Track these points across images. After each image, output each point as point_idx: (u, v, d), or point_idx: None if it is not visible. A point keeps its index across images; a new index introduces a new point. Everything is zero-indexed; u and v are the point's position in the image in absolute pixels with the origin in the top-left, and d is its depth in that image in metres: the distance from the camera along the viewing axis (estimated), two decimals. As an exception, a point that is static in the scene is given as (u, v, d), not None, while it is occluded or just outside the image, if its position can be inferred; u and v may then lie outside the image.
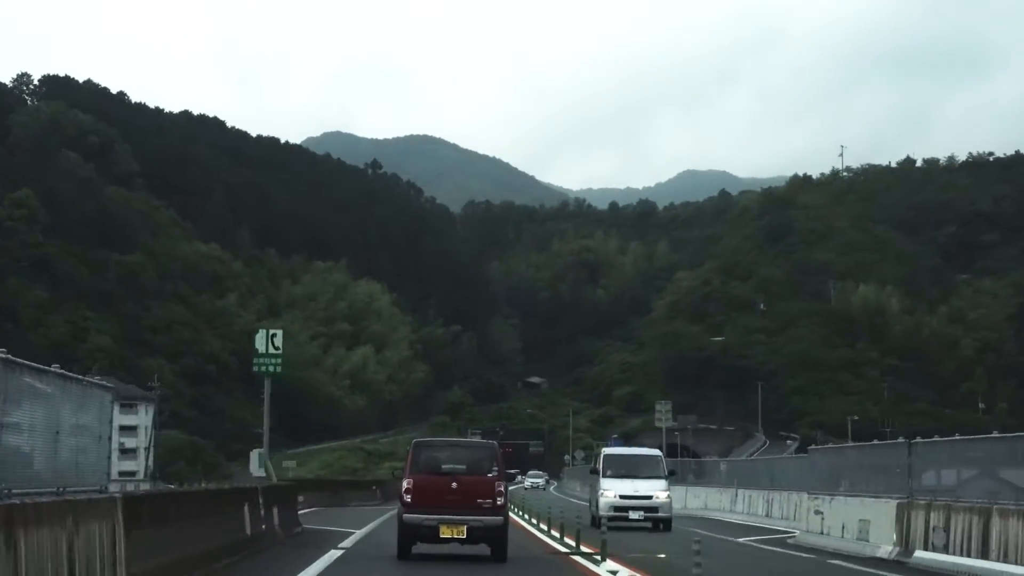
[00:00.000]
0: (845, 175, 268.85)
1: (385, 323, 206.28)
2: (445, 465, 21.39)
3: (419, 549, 21.52)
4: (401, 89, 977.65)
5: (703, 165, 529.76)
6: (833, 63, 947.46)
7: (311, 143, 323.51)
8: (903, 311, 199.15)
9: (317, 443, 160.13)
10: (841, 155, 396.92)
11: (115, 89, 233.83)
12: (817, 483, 29.17)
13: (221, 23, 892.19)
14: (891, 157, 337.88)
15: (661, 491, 34.61)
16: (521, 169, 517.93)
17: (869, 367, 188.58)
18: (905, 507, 22.44)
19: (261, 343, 35.13)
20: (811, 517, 28.59)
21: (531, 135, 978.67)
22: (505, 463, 22.63)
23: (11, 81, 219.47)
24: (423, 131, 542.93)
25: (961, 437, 23.91)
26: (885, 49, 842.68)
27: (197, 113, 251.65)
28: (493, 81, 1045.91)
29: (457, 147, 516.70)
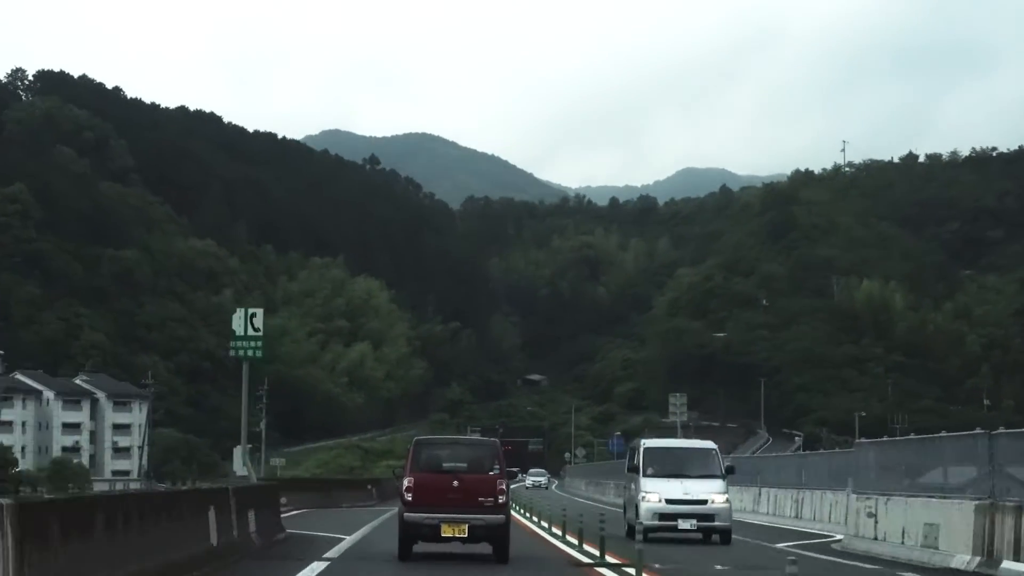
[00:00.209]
0: (847, 171, 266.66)
1: (383, 320, 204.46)
2: (446, 463, 21.18)
3: (420, 548, 21.31)
4: (400, 87, 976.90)
5: (702, 163, 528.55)
6: (832, 62, 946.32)
7: (310, 141, 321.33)
8: (908, 307, 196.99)
9: (314, 441, 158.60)
10: (843, 150, 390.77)
11: (111, 84, 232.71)
12: (866, 481, 26.17)
13: (219, 20, 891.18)
14: (892, 155, 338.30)
15: (718, 494, 28.11)
16: (520, 167, 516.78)
17: (873, 364, 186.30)
18: (987, 510, 19.37)
19: (239, 324, 32.24)
20: (862, 520, 25.46)
21: (530, 133, 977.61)
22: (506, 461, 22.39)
23: (6, 76, 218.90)
24: (422, 129, 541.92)
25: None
26: (884, 47, 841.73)
27: (194, 109, 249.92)
28: (492, 79, 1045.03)
29: (456, 145, 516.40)
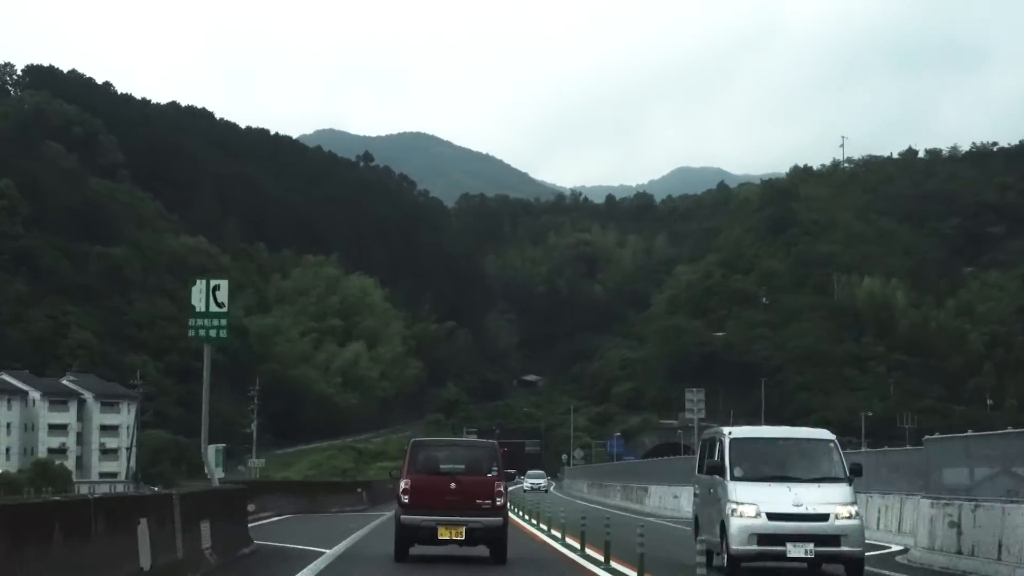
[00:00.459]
0: (846, 166, 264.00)
1: (378, 318, 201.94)
2: (444, 465, 20.96)
3: (417, 551, 21.04)
4: (394, 86, 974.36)
5: (697, 163, 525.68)
6: (827, 61, 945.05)
7: (304, 140, 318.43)
8: (909, 304, 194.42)
9: (308, 442, 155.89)
10: (842, 146, 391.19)
11: (101, 79, 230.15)
12: (940, 483, 22.68)
13: (212, 18, 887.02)
14: (891, 150, 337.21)
15: (843, 505, 18.71)
16: (515, 167, 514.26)
17: (875, 362, 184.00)
18: None
19: (199, 299, 26.43)
20: (940, 530, 21.81)
21: (525, 133, 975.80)
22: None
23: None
24: (416, 128, 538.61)
25: None
26: (879, 46, 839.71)
27: (185, 104, 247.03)
28: (487, 78, 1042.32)
29: (451, 144, 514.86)
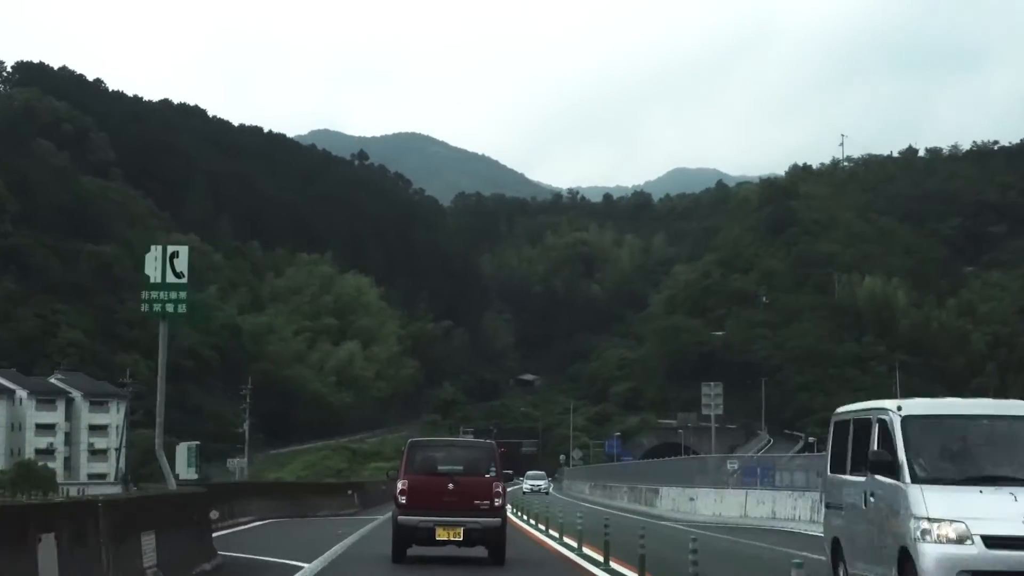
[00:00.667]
0: (846, 165, 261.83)
1: (373, 317, 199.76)
2: (442, 465, 20.86)
3: (415, 551, 20.92)
4: (389, 86, 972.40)
5: (693, 163, 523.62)
6: (824, 62, 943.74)
7: (299, 140, 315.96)
8: (911, 304, 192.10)
9: (302, 443, 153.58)
10: (841, 144, 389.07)
11: (92, 76, 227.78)
12: None
13: (207, 18, 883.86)
14: (891, 149, 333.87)
15: None
16: (511, 167, 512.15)
17: (876, 362, 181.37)
18: None
19: (154, 267, 22.65)
20: None
21: (520, 133, 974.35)
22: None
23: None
24: (412, 129, 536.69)
25: None
26: (878, 45, 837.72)
27: (178, 102, 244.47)
28: (482, 78, 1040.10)
29: (446, 144, 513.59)
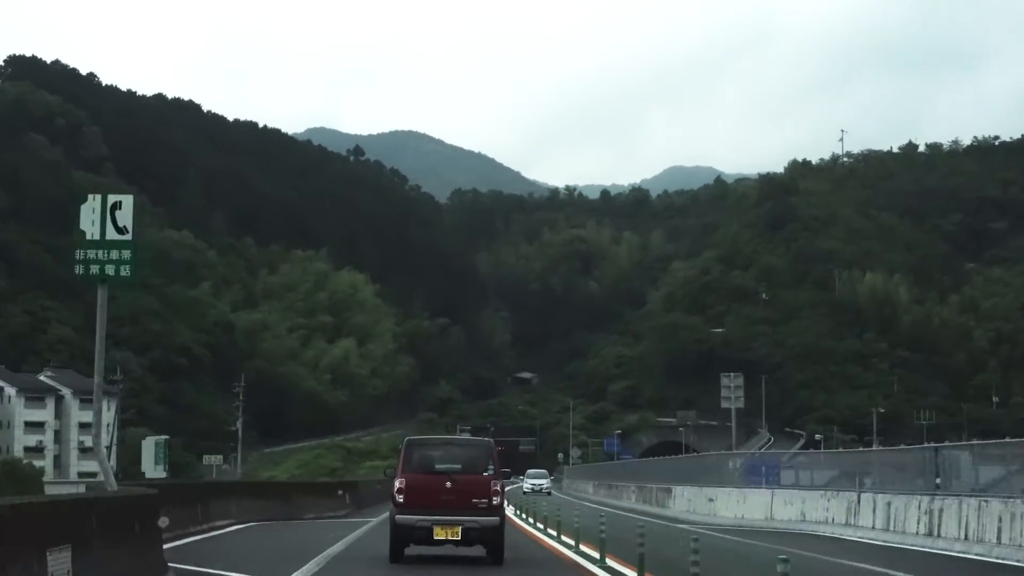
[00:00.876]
0: (845, 161, 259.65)
1: (369, 315, 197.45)
2: (439, 464, 20.63)
3: (412, 551, 20.69)
4: (385, 84, 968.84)
5: (690, 162, 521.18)
6: (822, 60, 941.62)
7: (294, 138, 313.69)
8: (912, 300, 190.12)
9: (296, 441, 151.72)
10: (841, 140, 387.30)
11: (85, 70, 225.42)
12: None
13: (203, 16, 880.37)
14: (891, 145, 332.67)
15: None
16: (507, 166, 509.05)
17: (878, 359, 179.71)
18: None
19: (90, 221, 19.45)
20: None
21: (517, 132, 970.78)
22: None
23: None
24: (408, 127, 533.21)
25: None
26: (874, 45, 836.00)
27: (172, 97, 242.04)
28: (479, 76, 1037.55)
29: (443, 143, 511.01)
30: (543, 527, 31.03)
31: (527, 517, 37.70)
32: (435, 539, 19.92)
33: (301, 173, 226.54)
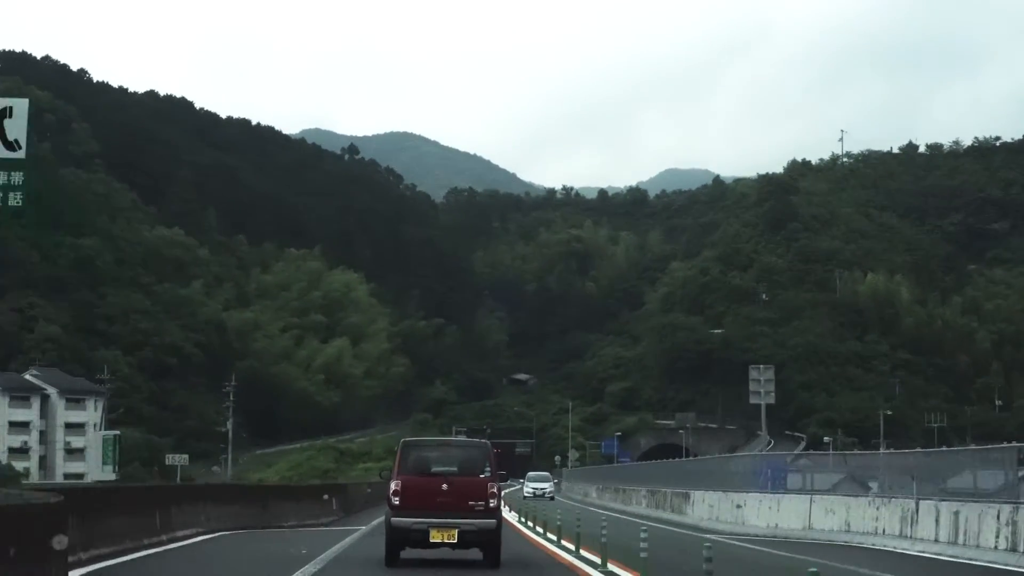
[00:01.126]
0: (845, 161, 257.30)
1: (363, 314, 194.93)
2: (436, 466, 20.51)
3: (408, 554, 20.54)
4: (381, 85, 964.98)
5: (686, 164, 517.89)
6: (819, 61, 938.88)
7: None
8: (914, 301, 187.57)
9: (288, 442, 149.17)
10: (841, 140, 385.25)
11: (75, 66, 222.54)
12: None
13: (198, 16, 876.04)
14: (891, 145, 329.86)
15: None
16: (503, 167, 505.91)
17: (879, 361, 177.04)
18: None
19: None
20: None
21: (513, 133, 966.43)
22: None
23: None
24: (403, 127, 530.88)
25: None
26: (873, 45, 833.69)
27: (164, 94, 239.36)
28: (474, 77, 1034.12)
29: (438, 144, 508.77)
30: (556, 537, 27.97)
31: (529, 522, 34.81)
32: (431, 542, 19.77)
33: (295, 171, 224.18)
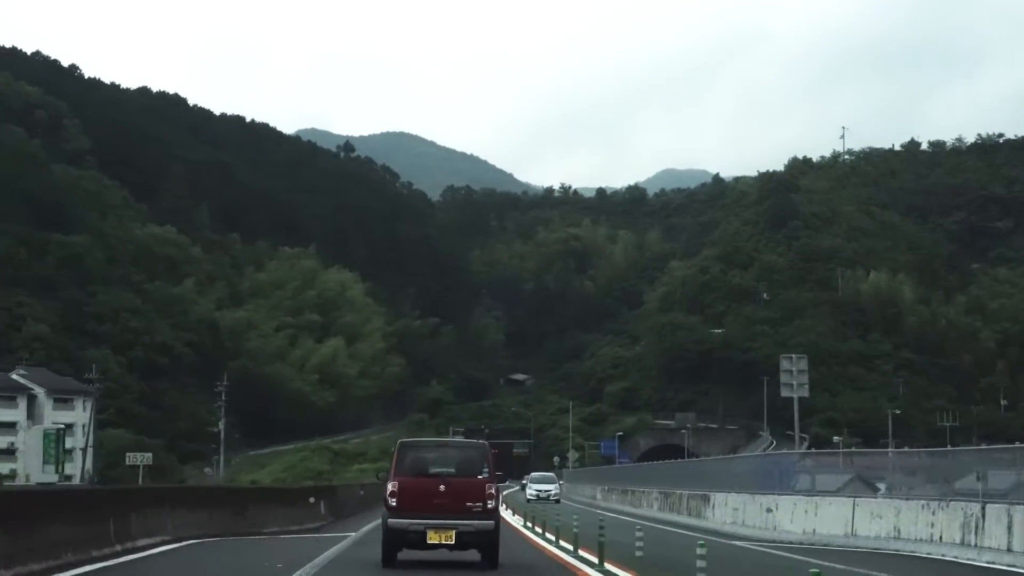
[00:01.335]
0: (847, 158, 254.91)
1: (358, 313, 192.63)
2: (433, 466, 20.26)
3: (405, 555, 20.42)
4: (377, 85, 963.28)
5: (683, 164, 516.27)
6: (817, 62, 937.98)
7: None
8: (917, 300, 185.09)
9: (282, 443, 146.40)
10: (842, 137, 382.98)
11: (67, 62, 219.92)
12: None
13: (195, 14, 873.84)
14: (892, 142, 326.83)
15: None
16: (499, 167, 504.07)
17: (882, 360, 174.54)
18: None
19: None
20: None
21: (509, 133, 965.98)
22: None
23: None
24: (400, 128, 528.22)
25: None
26: (873, 44, 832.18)
27: (157, 90, 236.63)
28: (471, 78, 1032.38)
29: (435, 144, 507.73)
30: (573, 547, 25.11)
31: (535, 527, 32.02)
32: (428, 543, 19.63)
33: (289, 169, 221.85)
